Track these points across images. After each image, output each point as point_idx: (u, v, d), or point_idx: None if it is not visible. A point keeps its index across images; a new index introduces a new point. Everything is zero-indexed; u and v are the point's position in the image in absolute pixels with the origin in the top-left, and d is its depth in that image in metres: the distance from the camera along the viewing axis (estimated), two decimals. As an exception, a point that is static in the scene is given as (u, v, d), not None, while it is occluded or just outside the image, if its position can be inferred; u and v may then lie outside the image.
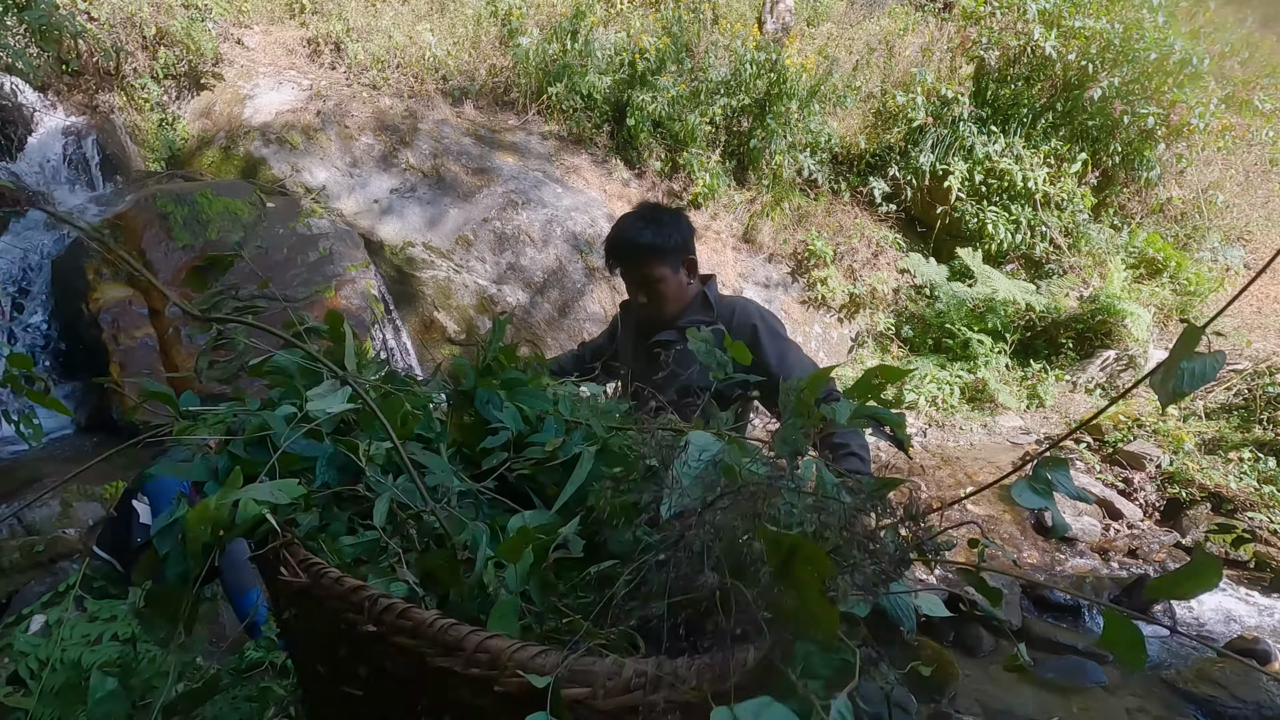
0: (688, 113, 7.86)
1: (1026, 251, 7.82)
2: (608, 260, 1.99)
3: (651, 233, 1.86)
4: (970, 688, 3.41)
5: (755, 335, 1.85)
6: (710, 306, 1.95)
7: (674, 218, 1.91)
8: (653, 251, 1.87)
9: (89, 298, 5.26)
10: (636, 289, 1.95)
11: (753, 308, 1.94)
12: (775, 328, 1.92)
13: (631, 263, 1.91)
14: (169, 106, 7.52)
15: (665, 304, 1.93)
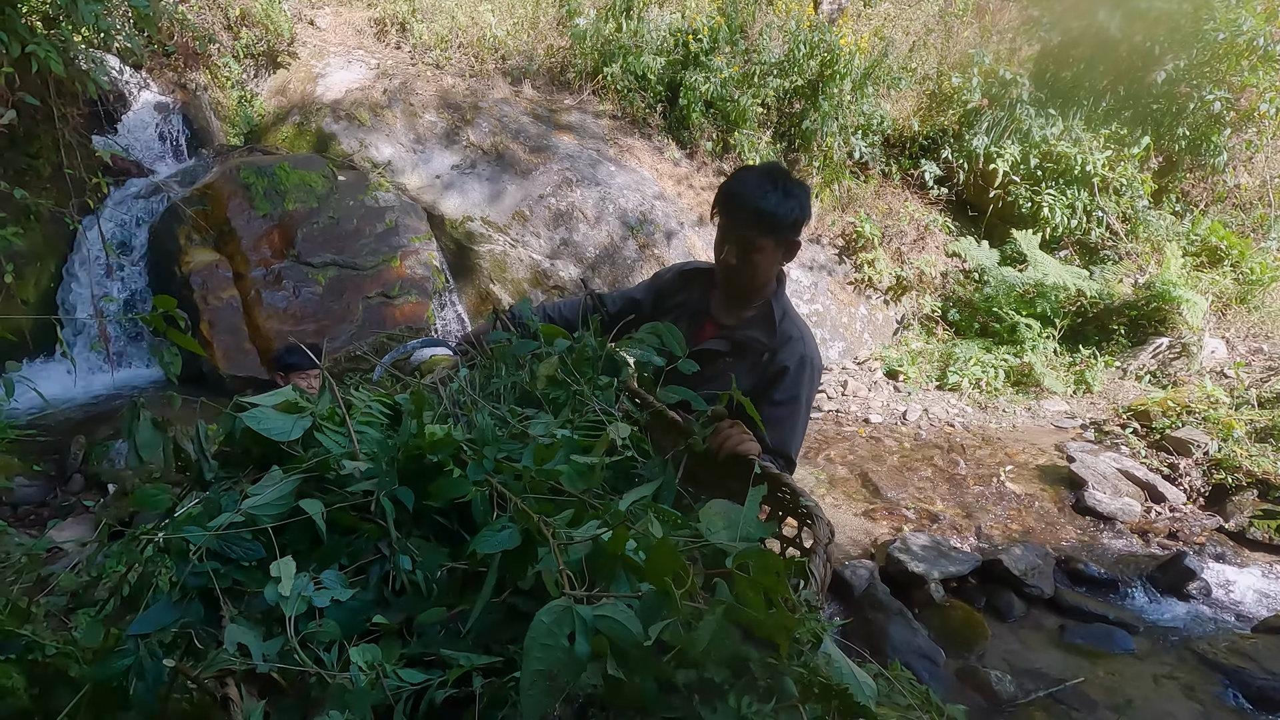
0: (740, 94, 7.96)
1: (1082, 237, 7.72)
2: (717, 207, 1.81)
3: (776, 200, 1.70)
4: (999, 648, 3.55)
5: (783, 373, 1.78)
6: (773, 325, 1.82)
7: (803, 192, 1.77)
8: (770, 220, 1.71)
9: (181, 260, 5.72)
10: (732, 246, 1.77)
11: (805, 353, 1.80)
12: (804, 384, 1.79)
13: (742, 221, 1.74)
14: (248, 84, 7.97)
15: (755, 275, 1.81)
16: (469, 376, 1.33)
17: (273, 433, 1.07)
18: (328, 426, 1.12)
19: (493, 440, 1.07)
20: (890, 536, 4.25)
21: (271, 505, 1.01)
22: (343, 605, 0.96)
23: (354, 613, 0.95)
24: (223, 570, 0.99)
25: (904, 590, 3.74)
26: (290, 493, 1.01)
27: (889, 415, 6.20)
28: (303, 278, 5.97)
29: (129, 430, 1.23)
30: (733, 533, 0.95)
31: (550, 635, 0.72)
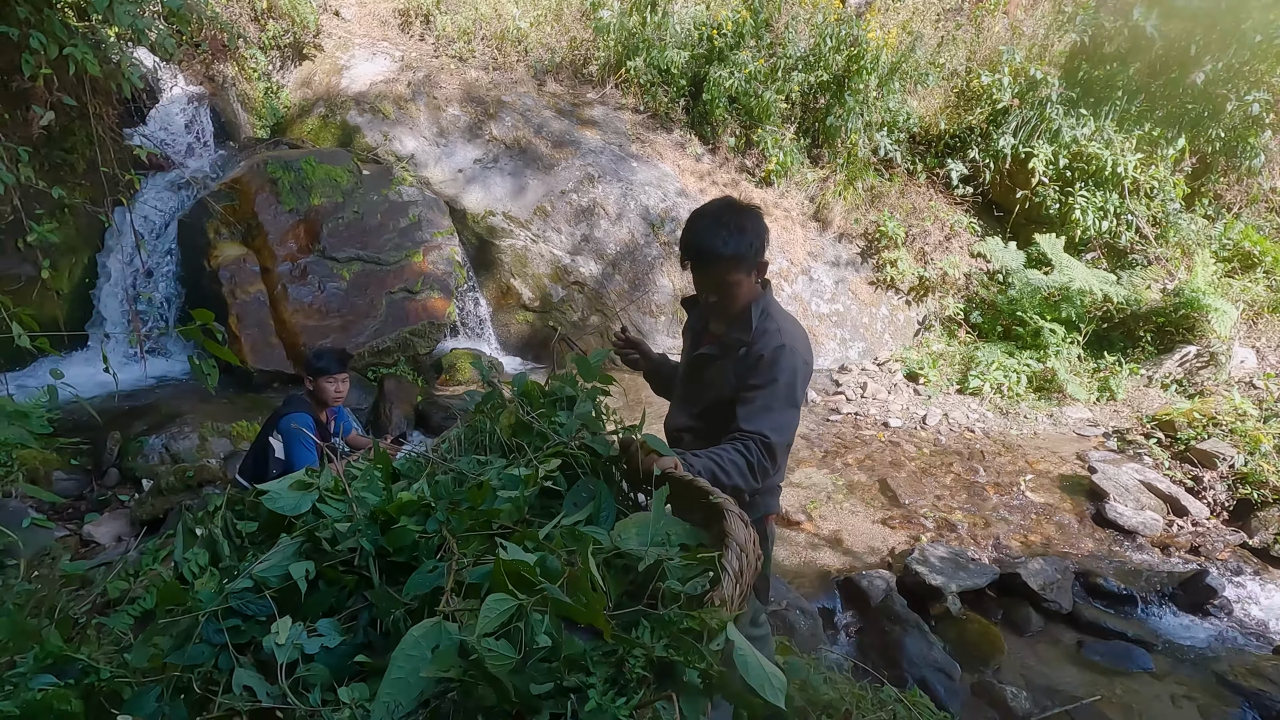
0: (764, 89, 7.89)
1: (1111, 240, 7.59)
2: (683, 257, 1.94)
3: (735, 241, 1.82)
4: (1016, 662, 3.56)
5: (759, 360, 1.86)
6: (749, 323, 1.91)
7: (754, 223, 1.87)
8: (734, 261, 1.84)
9: (210, 255, 5.81)
10: (708, 291, 1.93)
11: (784, 342, 1.87)
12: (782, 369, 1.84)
13: (708, 268, 1.88)
14: (274, 76, 8.03)
15: (736, 301, 1.92)
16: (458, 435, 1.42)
17: (284, 510, 1.16)
18: (330, 497, 1.20)
19: (446, 494, 1.16)
20: (908, 545, 4.26)
21: (277, 568, 1.10)
22: (333, 650, 1.05)
23: (343, 656, 1.03)
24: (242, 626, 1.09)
25: (921, 602, 3.75)
26: (293, 555, 1.10)
27: (908, 419, 6.17)
28: (328, 273, 6.04)
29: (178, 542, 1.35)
30: (643, 539, 1.01)
31: (416, 647, 0.82)
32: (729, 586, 0.91)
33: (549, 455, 1.23)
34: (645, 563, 0.95)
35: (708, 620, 0.84)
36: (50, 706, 1.19)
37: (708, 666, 0.81)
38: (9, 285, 4.85)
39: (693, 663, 0.81)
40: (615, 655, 0.82)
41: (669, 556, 0.97)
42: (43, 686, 1.22)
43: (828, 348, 7.53)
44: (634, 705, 0.76)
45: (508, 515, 1.08)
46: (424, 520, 1.11)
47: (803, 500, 4.81)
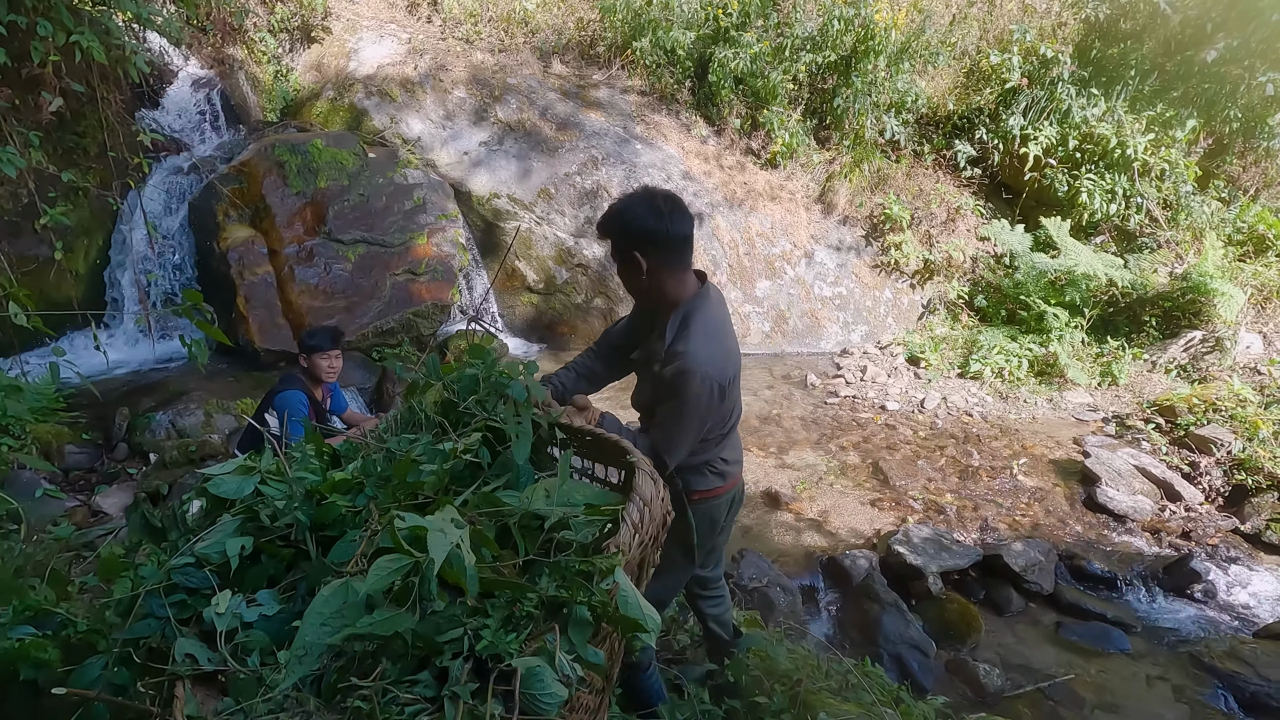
0: (770, 70, 7.83)
1: (1120, 223, 7.49)
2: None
3: (612, 220, 1.83)
4: (993, 641, 3.62)
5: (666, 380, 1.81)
6: (664, 338, 1.85)
7: (647, 205, 1.80)
8: (606, 237, 1.86)
9: (219, 237, 5.94)
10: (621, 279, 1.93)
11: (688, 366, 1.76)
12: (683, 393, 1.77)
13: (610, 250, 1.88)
14: (283, 59, 8.11)
15: (627, 286, 1.92)
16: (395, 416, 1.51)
17: (227, 493, 1.26)
18: (271, 478, 1.29)
19: (374, 471, 1.24)
20: (894, 527, 4.31)
21: (217, 544, 1.19)
22: (272, 618, 1.15)
23: (283, 623, 1.12)
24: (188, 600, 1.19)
25: (902, 582, 3.81)
26: (233, 532, 1.19)
27: (906, 403, 6.19)
28: (333, 255, 6.16)
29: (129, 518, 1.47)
30: (550, 501, 1.09)
31: (326, 605, 0.94)
32: (626, 535, 1.00)
33: (471, 431, 1.32)
34: (551, 520, 1.04)
35: (598, 564, 0.93)
36: (28, 654, 1.31)
37: (596, 602, 0.90)
38: (27, 266, 5.03)
39: (582, 600, 0.90)
40: (512, 599, 0.91)
41: (573, 514, 1.05)
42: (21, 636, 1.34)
43: (829, 331, 7.54)
44: (523, 639, 0.85)
45: (429, 486, 1.16)
46: (354, 497, 1.20)
47: (793, 481, 4.88)
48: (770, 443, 5.50)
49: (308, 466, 1.34)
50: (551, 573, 0.94)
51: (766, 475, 4.96)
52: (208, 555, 1.15)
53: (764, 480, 4.86)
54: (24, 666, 1.30)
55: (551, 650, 0.83)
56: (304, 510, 1.20)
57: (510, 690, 0.79)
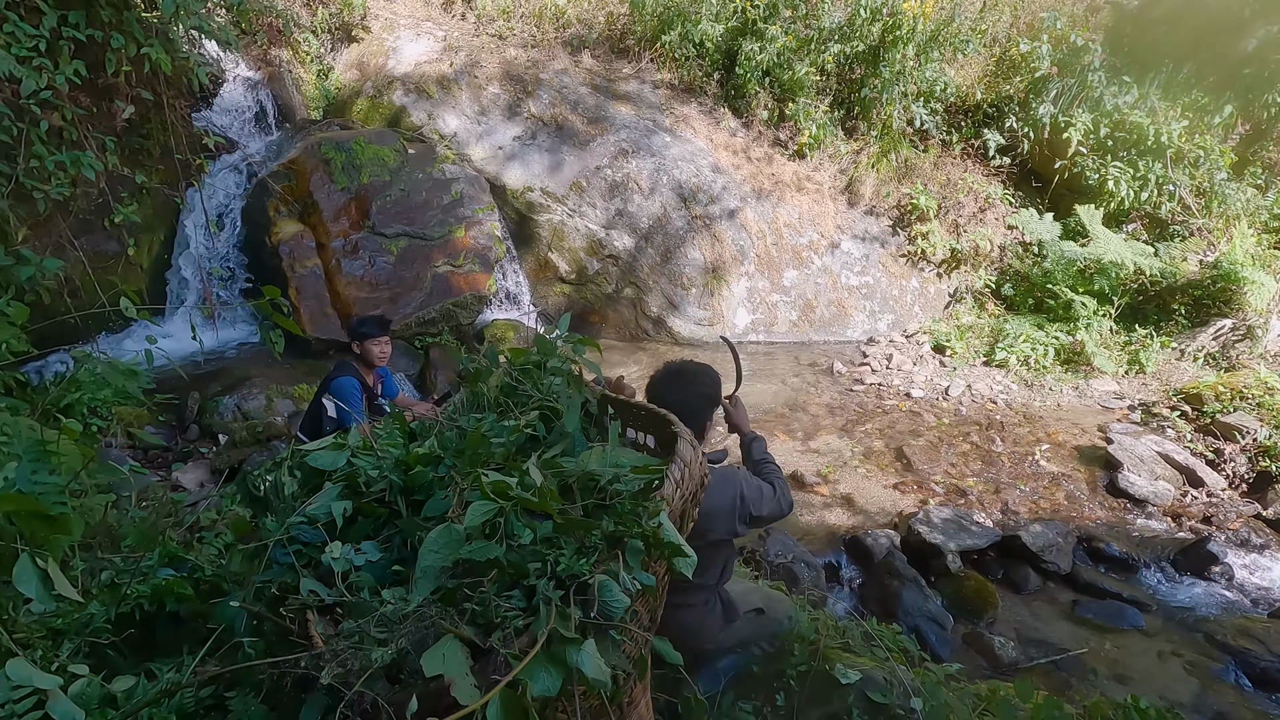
0: (797, 62, 7.92)
1: (1152, 211, 7.46)
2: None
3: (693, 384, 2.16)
4: (1010, 617, 3.78)
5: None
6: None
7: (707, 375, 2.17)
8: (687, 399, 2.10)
9: (270, 231, 6.28)
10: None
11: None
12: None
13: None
14: (325, 58, 8.43)
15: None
16: (461, 399, 1.74)
17: (324, 465, 1.50)
18: (360, 452, 1.54)
19: (451, 445, 1.47)
20: (916, 509, 4.48)
21: (324, 507, 1.44)
22: (374, 564, 1.39)
23: (382, 568, 1.37)
24: (304, 550, 1.44)
25: (922, 560, 3.98)
26: (334, 497, 1.44)
27: (931, 390, 6.31)
28: (377, 248, 6.46)
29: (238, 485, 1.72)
30: (602, 463, 1.31)
31: (434, 543, 1.16)
32: (669, 488, 1.24)
33: (531, 409, 1.55)
34: (604, 479, 1.27)
35: (648, 506, 1.16)
36: (171, 590, 1.58)
37: (647, 533, 1.13)
38: (100, 261, 5.40)
39: (636, 533, 1.13)
40: (579, 535, 1.15)
41: (622, 473, 1.28)
42: (165, 577, 1.61)
43: (856, 320, 7.66)
44: (592, 563, 1.09)
45: (498, 456, 1.40)
46: (436, 466, 1.44)
47: (819, 465, 5.06)
48: (797, 428, 5.67)
49: (391, 441, 1.58)
50: (610, 514, 1.17)
51: (792, 459, 5.15)
52: (316, 515, 1.40)
53: (790, 464, 5.05)
54: (169, 600, 1.57)
55: (616, 570, 1.06)
56: (396, 476, 1.45)
57: (587, 599, 1.02)
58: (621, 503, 1.18)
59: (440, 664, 0.93)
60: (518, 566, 1.09)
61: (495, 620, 1.02)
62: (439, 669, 0.92)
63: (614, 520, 1.15)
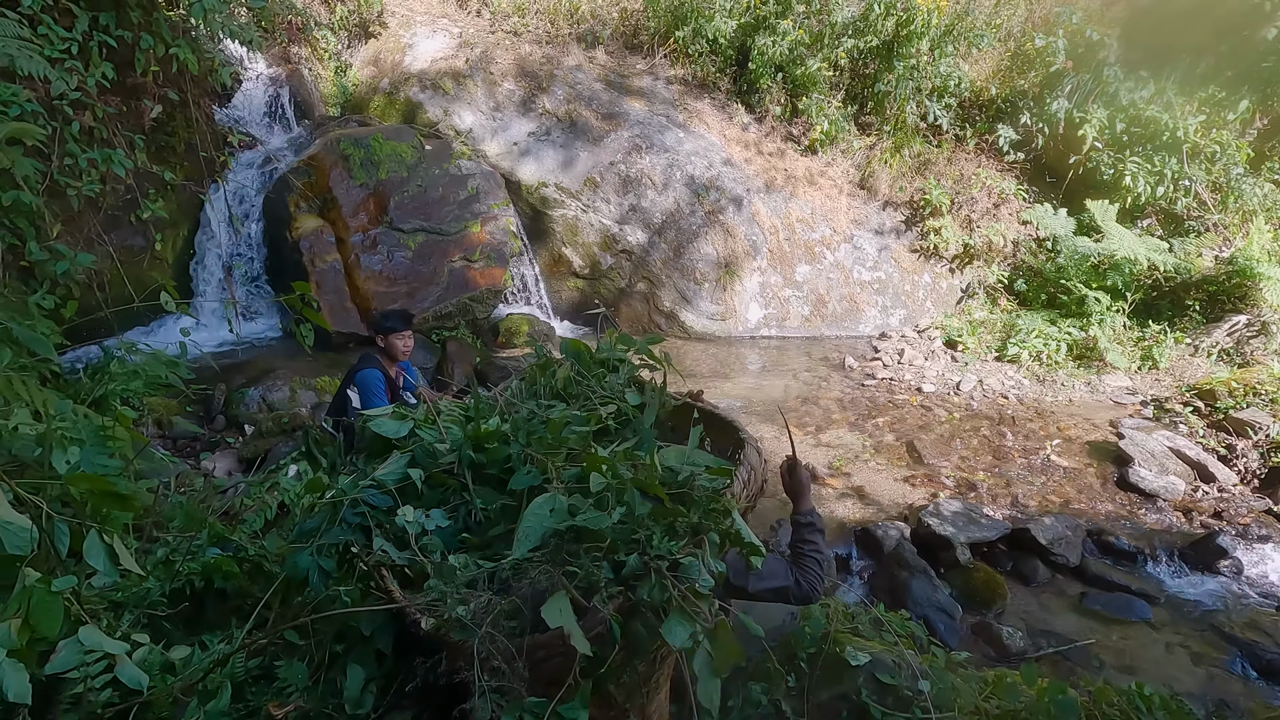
0: (810, 57, 7.94)
1: (1167, 206, 7.43)
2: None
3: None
4: (1018, 608, 3.84)
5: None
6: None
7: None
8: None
9: (291, 227, 6.40)
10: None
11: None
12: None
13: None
14: (343, 55, 8.54)
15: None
16: (518, 386, 1.82)
17: (388, 433, 1.59)
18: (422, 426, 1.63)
19: (523, 425, 1.56)
20: (925, 502, 4.53)
21: (391, 474, 1.52)
22: (443, 530, 1.47)
23: (451, 534, 1.45)
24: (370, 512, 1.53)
25: (931, 552, 4.04)
26: (403, 466, 1.52)
27: (943, 385, 6.35)
28: (395, 243, 6.57)
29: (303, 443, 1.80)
30: (680, 460, 1.40)
31: (539, 508, 1.27)
32: (738, 487, 1.35)
33: (604, 402, 1.64)
34: (682, 475, 1.36)
35: (724, 503, 1.27)
36: (219, 568, 1.68)
37: (725, 529, 1.23)
38: (127, 255, 5.54)
39: (715, 528, 1.23)
40: (667, 520, 1.25)
41: (699, 471, 1.38)
42: (212, 556, 1.72)
43: (868, 315, 7.69)
44: (680, 546, 1.19)
45: (575, 442, 1.48)
46: (504, 444, 1.53)
47: (829, 458, 5.12)
48: (808, 422, 5.74)
49: (453, 418, 1.67)
50: (693, 508, 1.27)
51: (804, 453, 5.21)
52: (384, 480, 1.49)
53: (802, 457, 5.10)
54: (217, 577, 1.67)
55: (699, 555, 1.17)
56: (466, 451, 1.53)
57: (677, 576, 1.14)
58: (701, 498, 1.29)
59: (557, 616, 1.06)
60: (622, 533, 1.19)
61: (596, 584, 1.14)
62: (556, 621, 1.05)
63: (699, 513, 1.25)
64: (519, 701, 1.05)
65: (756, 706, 2.07)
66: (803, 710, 2.08)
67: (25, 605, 1.13)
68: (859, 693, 2.03)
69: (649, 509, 1.25)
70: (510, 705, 1.05)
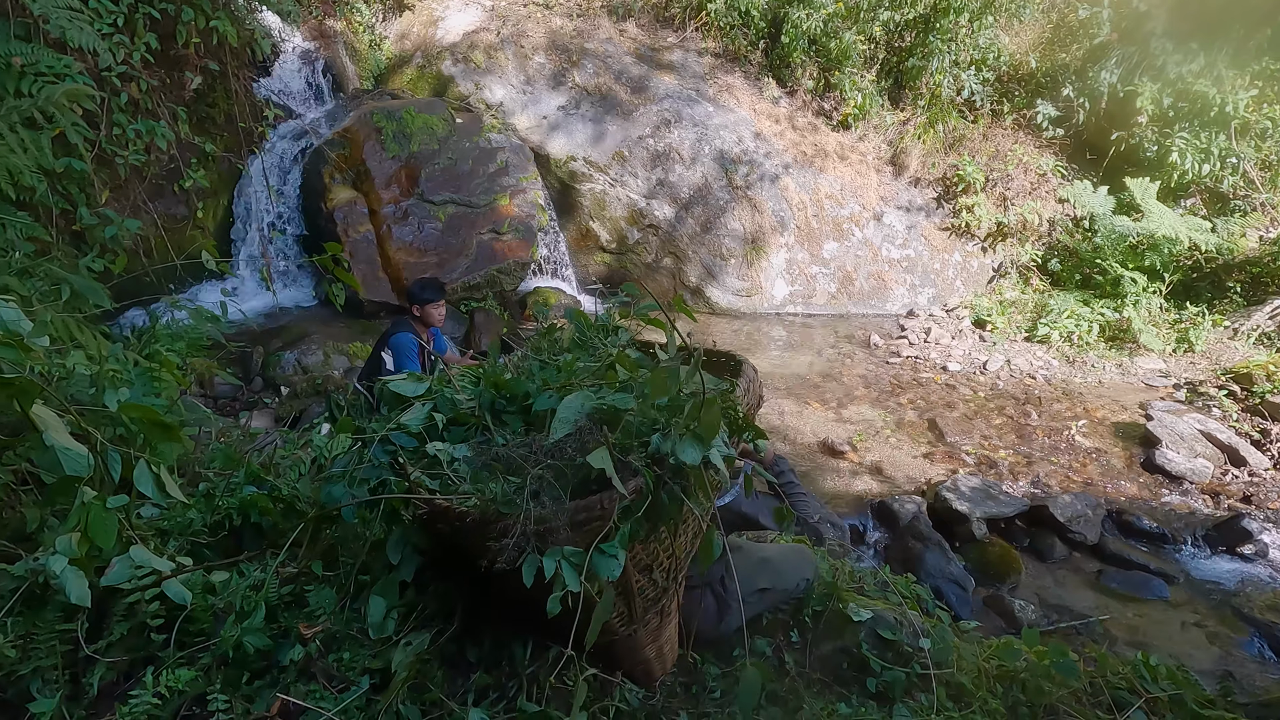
0: (844, 30, 7.80)
1: (1213, 185, 7.20)
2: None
3: None
4: (1033, 583, 3.85)
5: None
6: None
7: None
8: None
9: (325, 198, 6.55)
10: None
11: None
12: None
13: None
14: (376, 28, 8.63)
15: None
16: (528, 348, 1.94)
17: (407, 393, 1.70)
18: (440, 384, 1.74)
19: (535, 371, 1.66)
20: (944, 478, 4.54)
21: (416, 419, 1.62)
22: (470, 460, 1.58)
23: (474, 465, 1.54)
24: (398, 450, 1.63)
25: (947, 526, 4.06)
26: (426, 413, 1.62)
27: (969, 364, 6.29)
28: (426, 215, 6.70)
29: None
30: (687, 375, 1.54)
31: (573, 402, 1.38)
32: (740, 390, 1.53)
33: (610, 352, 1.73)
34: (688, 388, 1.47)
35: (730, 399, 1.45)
36: (255, 504, 1.81)
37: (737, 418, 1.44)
38: (170, 223, 5.75)
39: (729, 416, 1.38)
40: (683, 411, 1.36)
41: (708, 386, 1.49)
42: (249, 493, 1.84)
43: (896, 293, 7.62)
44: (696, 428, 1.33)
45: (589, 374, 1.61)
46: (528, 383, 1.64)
47: (850, 433, 5.14)
48: (830, 398, 5.75)
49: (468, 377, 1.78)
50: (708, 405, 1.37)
51: (824, 427, 5.24)
52: (409, 425, 1.59)
53: (821, 431, 5.15)
54: (253, 512, 1.80)
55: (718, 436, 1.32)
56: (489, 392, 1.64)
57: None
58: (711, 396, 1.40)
59: (600, 460, 1.22)
60: (648, 419, 1.29)
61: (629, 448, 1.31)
62: (599, 463, 1.21)
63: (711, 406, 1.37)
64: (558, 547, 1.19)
65: (761, 657, 2.15)
66: (805, 663, 2.15)
67: (84, 520, 1.25)
68: (859, 646, 2.10)
69: (666, 401, 1.37)
70: (550, 550, 1.19)
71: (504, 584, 1.30)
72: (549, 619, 1.21)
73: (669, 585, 1.62)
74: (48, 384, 1.37)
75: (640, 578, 1.51)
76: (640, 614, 1.60)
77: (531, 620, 1.52)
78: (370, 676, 1.46)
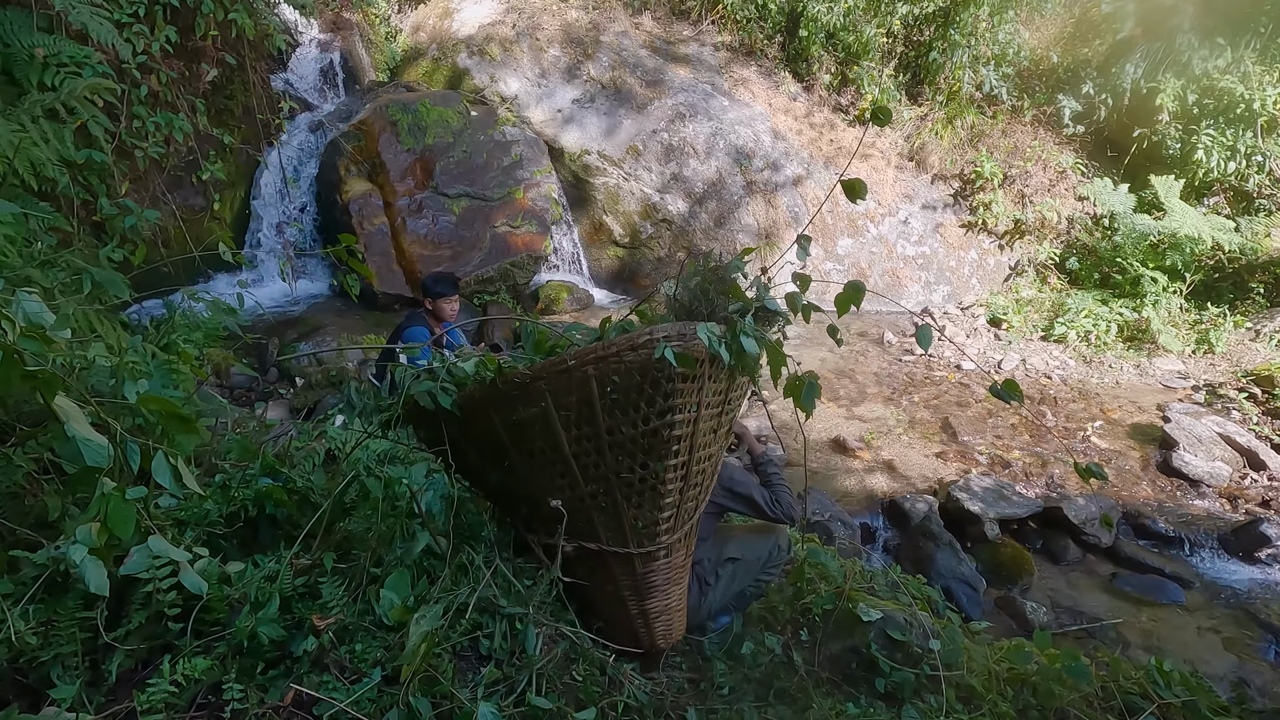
0: (863, 24, 7.73)
1: (1238, 183, 7.07)
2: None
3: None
4: (1045, 585, 3.83)
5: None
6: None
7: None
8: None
9: (341, 190, 6.59)
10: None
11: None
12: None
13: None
14: (392, 21, 8.65)
15: None
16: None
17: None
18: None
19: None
20: (956, 478, 4.51)
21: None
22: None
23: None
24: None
25: (959, 526, 4.04)
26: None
27: (983, 364, 6.24)
28: (440, 207, 6.72)
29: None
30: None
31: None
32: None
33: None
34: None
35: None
36: (270, 495, 1.83)
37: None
38: (188, 214, 5.81)
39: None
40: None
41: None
42: (265, 485, 1.86)
43: (911, 290, 7.56)
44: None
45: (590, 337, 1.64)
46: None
47: (861, 431, 5.12)
48: (842, 395, 5.72)
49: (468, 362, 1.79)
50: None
51: (836, 425, 5.22)
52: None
53: (833, 429, 5.13)
54: (269, 504, 1.82)
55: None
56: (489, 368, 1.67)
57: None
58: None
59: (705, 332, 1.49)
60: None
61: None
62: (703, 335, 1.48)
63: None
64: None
65: (770, 654, 2.15)
66: (814, 661, 2.15)
67: (103, 510, 1.27)
68: (869, 646, 2.09)
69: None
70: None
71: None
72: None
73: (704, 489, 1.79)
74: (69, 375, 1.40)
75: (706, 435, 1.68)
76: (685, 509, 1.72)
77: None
78: (382, 668, 1.47)
